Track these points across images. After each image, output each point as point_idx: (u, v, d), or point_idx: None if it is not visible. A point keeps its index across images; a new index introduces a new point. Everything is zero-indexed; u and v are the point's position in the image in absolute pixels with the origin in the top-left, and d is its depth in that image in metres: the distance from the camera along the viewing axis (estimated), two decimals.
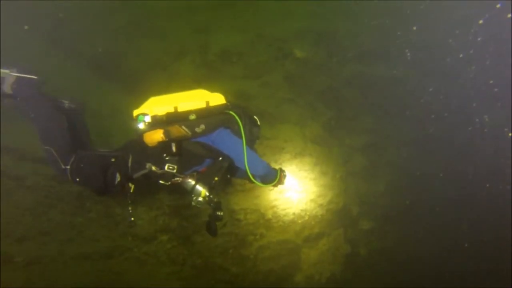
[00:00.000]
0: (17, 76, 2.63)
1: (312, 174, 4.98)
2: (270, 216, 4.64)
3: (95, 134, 3.37)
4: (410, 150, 5.72)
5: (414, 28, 6.04)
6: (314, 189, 4.90)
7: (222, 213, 2.68)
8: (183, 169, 2.71)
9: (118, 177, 2.68)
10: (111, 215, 4.18)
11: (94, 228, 4.11)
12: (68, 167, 2.62)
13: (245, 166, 2.64)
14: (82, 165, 2.65)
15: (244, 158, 2.63)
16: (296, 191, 4.79)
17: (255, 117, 2.93)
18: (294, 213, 4.79)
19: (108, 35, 5.68)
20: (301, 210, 4.84)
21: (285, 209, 4.69)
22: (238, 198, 4.49)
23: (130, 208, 2.80)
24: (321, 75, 5.31)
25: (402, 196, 5.77)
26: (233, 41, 5.39)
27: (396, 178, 5.52)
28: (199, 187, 2.65)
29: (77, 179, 2.65)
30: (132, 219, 2.83)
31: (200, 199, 2.63)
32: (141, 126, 2.59)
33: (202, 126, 2.62)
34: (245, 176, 2.81)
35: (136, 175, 2.70)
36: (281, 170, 2.98)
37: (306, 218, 4.91)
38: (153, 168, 2.64)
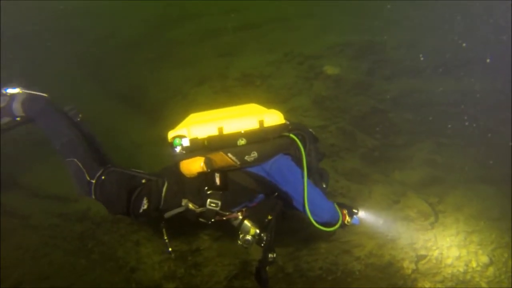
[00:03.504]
0: (27, 93, 2.57)
1: None
2: (291, 270, 3.81)
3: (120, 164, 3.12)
4: (486, 189, 4.32)
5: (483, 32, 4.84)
6: (348, 237, 3.92)
7: (274, 255, 2.20)
8: (229, 206, 2.29)
9: (145, 204, 2.30)
10: (114, 258, 3.86)
11: (96, 272, 3.83)
12: (94, 181, 2.35)
13: (304, 208, 2.09)
14: (108, 181, 2.35)
15: (304, 197, 2.07)
16: (325, 240, 3.87)
17: (313, 133, 2.37)
18: (321, 268, 3.86)
19: (135, 67, 5.78)
20: (331, 263, 3.88)
21: (309, 262, 3.81)
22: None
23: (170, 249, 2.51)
24: (360, 95, 4.42)
25: None
26: (257, 63, 4.94)
27: (465, 228, 4.17)
28: (247, 223, 2.25)
29: (100, 196, 2.38)
30: (170, 249, 2.56)
31: (249, 237, 2.27)
32: (177, 150, 2.16)
33: (254, 154, 2.13)
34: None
35: (169, 214, 2.32)
36: (341, 206, 2.33)
37: (339, 274, 3.93)
38: (190, 205, 2.24)
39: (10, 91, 2.55)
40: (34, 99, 2.57)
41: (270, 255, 2.23)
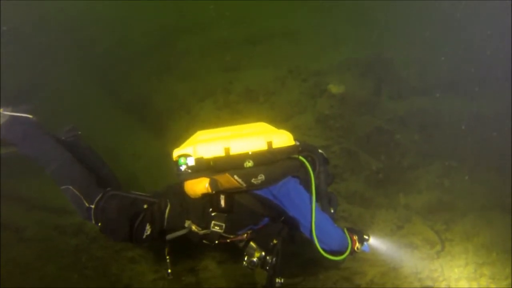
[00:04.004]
0: (10, 115, 2.41)
1: None
2: None
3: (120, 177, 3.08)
4: (499, 217, 4.09)
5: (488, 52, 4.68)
6: (348, 263, 3.75)
7: (282, 280, 2.11)
8: (233, 229, 2.22)
9: (148, 230, 2.24)
10: (107, 274, 3.80)
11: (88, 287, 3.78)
12: (93, 206, 2.28)
13: (312, 234, 2.00)
14: (108, 208, 2.27)
15: (312, 224, 1.99)
16: (323, 265, 3.71)
17: (324, 154, 2.29)
18: None
19: (142, 77, 5.80)
20: None
21: None
22: (239, 269, 3.65)
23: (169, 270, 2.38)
24: (365, 115, 4.29)
25: None
26: (262, 78, 4.88)
27: (475, 260, 3.94)
28: (253, 245, 2.22)
29: (100, 223, 2.31)
30: (170, 271, 2.41)
31: (254, 259, 2.19)
32: (182, 169, 2.08)
33: (261, 177, 2.04)
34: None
35: (171, 236, 2.26)
36: (351, 232, 2.21)
37: None
38: (194, 227, 2.18)
39: None
40: (16, 122, 2.39)
41: (277, 280, 2.14)
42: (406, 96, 4.48)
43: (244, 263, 2.23)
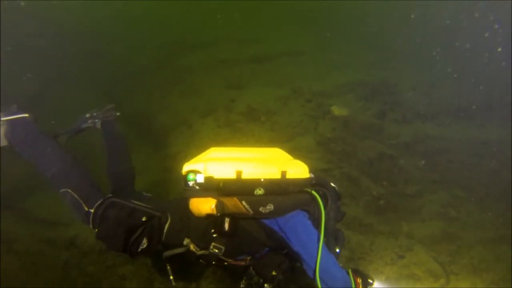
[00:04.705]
0: (7, 120, 2.40)
1: None
2: None
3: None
4: (509, 251, 3.87)
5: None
6: None
7: None
8: (233, 253, 2.16)
9: (144, 243, 2.18)
10: None
11: None
12: (92, 210, 2.24)
13: (315, 275, 1.91)
14: (106, 215, 2.24)
15: (317, 264, 1.90)
16: None
17: (337, 189, 2.19)
18: None
19: (146, 92, 5.86)
20: None
21: None
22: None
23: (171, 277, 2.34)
24: (368, 139, 4.20)
25: None
26: (265, 97, 4.88)
27: None
28: (252, 271, 2.17)
29: (98, 230, 2.25)
30: (172, 277, 2.35)
31: (252, 283, 2.16)
32: (189, 185, 2.03)
33: (270, 207, 1.98)
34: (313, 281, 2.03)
35: (168, 254, 2.20)
36: (356, 274, 2.08)
37: None
38: (192, 247, 2.13)
39: None
40: (15, 124, 2.37)
41: None
42: (411, 121, 4.38)
43: (242, 284, 2.19)
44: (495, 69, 4.81)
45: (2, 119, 2.38)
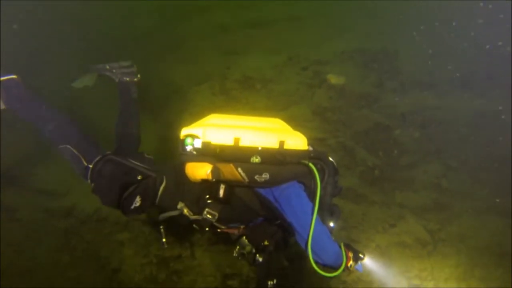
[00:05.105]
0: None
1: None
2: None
3: None
4: (496, 221, 3.97)
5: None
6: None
7: (275, 281, 2.11)
8: (226, 221, 2.19)
9: (137, 201, 2.20)
10: (96, 257, 3.84)
11: (78, 270, 3.83)
12: (91, 166, 2.28)
13: (307, 246, 1.93)
14: (103, 171, 2.27)
15: (309, 235, 1.92)
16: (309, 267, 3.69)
17: (335, 164, 2.20)
18: None
19: (142, 59, 5.67)
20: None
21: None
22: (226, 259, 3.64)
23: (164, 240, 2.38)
24: (364, 108, 4.14)
25: None
26: (261, 64, 4.73)
27: (467, 261, 3.86)
28: (245, 240, 2.21)
29: (93, 184, 2.31)
30: (164, 240, 2.40)
31: (244, 252, 2.20)
32: (187, 150, 2.03)
33: (266, 176, 1.98)
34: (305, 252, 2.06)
35: (162, 217, 2.24)
36: (347, 248, 2.15)
37: None
38: (185, 211, 2.15)
39: None
40: (7, 86, 2.37)
41: (270, 282, 2.12)
42: (409, 90, 4.29)
43: (235, 253, 2.23)
44: (499, 39, 4.64)
45: None
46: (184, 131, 2.06)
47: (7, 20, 4.99)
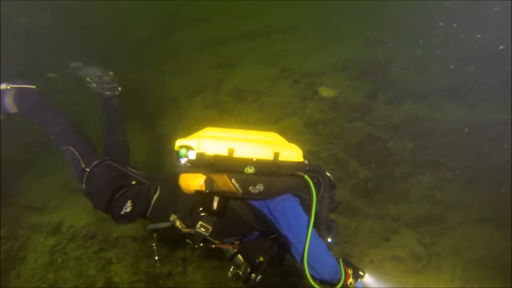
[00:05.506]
0: (16, 87, 2.60)
1: None
2: None
3: None
4: (491, 232, 3.92)
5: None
6: None
7: None
8: (220, 235, 2.13)
9: (128, 206, 2.17)
10: (84, 275, 3.75)
11: None
12: (88, 169, 2.29)
13: (303, 260, 1.88)
14: (98, 173, 2.28)
15: (305, 248, 1.87)
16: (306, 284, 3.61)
17: (332, 178, 2.16)
18: None
19: (136, 70, 5.67)
20: None
21: None
22: (217, 276, 3.56)
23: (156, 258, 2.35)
24: (357, 120, 4.11)
25: None
26: (253, 77, 4.72)
27: (463, 275, 3.80)
28: (240, 258, 2.14)
29: (87, 187, 2.30)
30: (157, 258, 2.39)
31: (240, 272, 2.12)
32: (181, 162, 2.01)
33: (260, 187, 1.94)
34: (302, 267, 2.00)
35: (151, 227, 2.19)
36: (346, 264, 2.06)
37: None
38: (178, 223, 2.10)
39: None
40: (24, 93, 2.59)
41: None
42: (402, 101, 4.27)
43: (229, 273, 2.17)
44: (489, 50, 4.65)
45: (12, 86, 2.59)
46: (178, 142, 2.06)
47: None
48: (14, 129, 4.05)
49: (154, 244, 2.33)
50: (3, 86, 2.58)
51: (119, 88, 3.01)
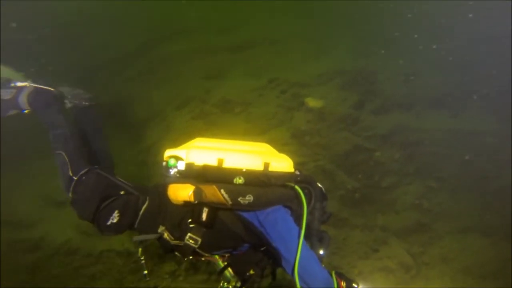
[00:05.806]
0: (35, 87, 2.57)
1: None
2: None
3: None
4: (479, 241, 3.95)
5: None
6: None
7: None
8: (210, 248, 2.07)
9: (115, 217, 2.07)
10: None
11: None
12: (76, 178, 2.20)
13: (293, 272, 1.83)
14: (86, 181, 2.19)
15: (296, 260, 1.82)
16: None
17: (323, 190, 2.13)
18: None
19: (123, 81, 5.62)
20: None
21: None
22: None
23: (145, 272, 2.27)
24: (344, 131, 4.12)
25: None
26: (240, 88, 4.72)
27: (451, 284, 3.79)
28: (230, 271, 2.11)
29: (73, 195, 2.20)
30: (146, 272, 2.28)
31: (230, 286, 2.11)
32: (170, 172, 1.95)
33: (249, 198, 1.88)
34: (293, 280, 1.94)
35: (137, 238, 2.11)
36: (339, 277, 1.99)
37: None
38: (166, 235, 2.04)
39: (19, 83, 2.57)
40: (40, 93, 2.57)
41: None
42: (388, 111, 4.32)
43: (219, 287, 2.15)
44: (474, 60, 4.77)
45: (31, 84, 2.56)
46: (167, 153, 2.01)
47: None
48: None
49: (142, 258, 2.26)
50: (23, 83, 2.58)
51: (96, 100, 2.95)
